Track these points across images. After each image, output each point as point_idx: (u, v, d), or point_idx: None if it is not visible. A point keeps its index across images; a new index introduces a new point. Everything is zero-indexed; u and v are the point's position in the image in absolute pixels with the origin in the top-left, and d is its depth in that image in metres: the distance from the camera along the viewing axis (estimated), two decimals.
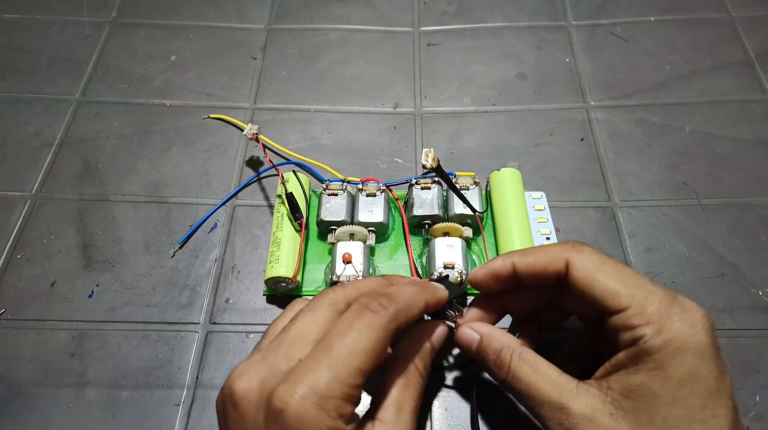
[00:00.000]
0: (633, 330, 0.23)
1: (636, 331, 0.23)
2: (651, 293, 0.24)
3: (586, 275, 0.25)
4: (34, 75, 0.49)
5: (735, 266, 0.37)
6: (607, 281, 0.24)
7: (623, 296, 0.24)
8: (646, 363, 0.23)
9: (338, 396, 0.22)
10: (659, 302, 0.23)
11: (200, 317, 0.36)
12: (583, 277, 0.25)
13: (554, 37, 0.51)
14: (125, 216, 0.40)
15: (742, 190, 0.41)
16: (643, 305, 0.23)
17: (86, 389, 0.33)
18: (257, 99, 0.47)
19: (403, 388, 0.25)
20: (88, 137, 0.44)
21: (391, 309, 0.24)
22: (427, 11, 0.53)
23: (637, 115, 0.45)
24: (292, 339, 0.24)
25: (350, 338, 0.23)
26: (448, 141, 0.44)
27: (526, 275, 0.27)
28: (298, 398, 0.21)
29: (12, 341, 0.35)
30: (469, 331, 0.29)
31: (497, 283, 0.29)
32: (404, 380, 0.26)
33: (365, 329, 0.23)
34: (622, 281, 0.24)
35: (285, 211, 0.37)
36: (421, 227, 0.38)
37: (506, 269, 0.28)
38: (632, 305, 0.23)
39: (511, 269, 0.28)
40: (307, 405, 0.21)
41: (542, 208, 0.40)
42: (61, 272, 0.38)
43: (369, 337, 0.23)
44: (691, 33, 0.51)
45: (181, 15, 0.53)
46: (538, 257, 0.27)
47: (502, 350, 0.27)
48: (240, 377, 0.23)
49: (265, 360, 0.23)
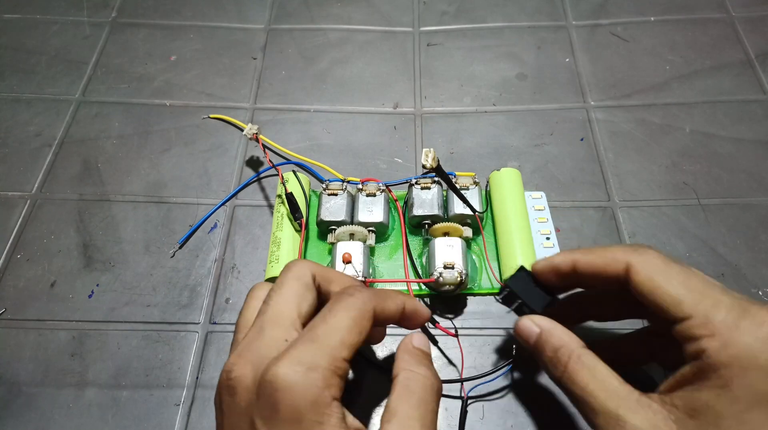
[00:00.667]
0: (697, 342, 0.22)
1: (700, 343, 0.21)
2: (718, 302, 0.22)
3: (647, 279, 0.24)
4: (34, 75, 0.49)
5: (735, 266, 0.37)
6: (669, 286, 0.23)
7: (686, 304, 0.22)
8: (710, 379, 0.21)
9: (324, 366, 0.22)
10: (727, 312, 0.21)
11: (200, 317, 0.36)
12: (644, 281, 0.24)
13: (554, 37, 0.51)
14: (125, 216, 0.40)
15: (742, 190, 0.41)
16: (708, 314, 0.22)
17: (86, 389, 0.33)
18: (257, 99, 0.47)
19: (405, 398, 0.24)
20: (88, 137, 0.44)
21: (365, 292, 0.25)
22: (427, 11, 0.53)
23: (637, 115, 0.45)
24: (272, 322, 0.24)
25: (330, 318, 0.24)
26: (448, 141, 0.44)
27: (585, 274, 0.27)
28: (285, 369, 0.22)
29: (12, 341, 0.35)
30: (529, 323, 0.28)
31: (557, 277, 0.28)
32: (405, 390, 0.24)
33: (343, 309, 0.24)
34: (688, 287, 0.23)
35: (285, 211, 0.37)
36: (421, 227, 0.38)
37: (566, 265, 0.27)
38: (696, 314, 0.22)
39: (571, 265, 0.27)
40: (294, 374, 0.21)
41: (542, 209, 0.40)
42: (61, 272, 0.38)
43: (347, 314, 0.24)
44: (691, 33, 0.51)
45: (181, 15, 0.53)
46: (599, 257, 0.26)
47: (560, 349, 0.25)
48: (232, 367, 0.23)
49: (251, 347, 0.24)
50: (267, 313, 0.25)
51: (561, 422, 0.32)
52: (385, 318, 0.26)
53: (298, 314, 0.25)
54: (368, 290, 0.26)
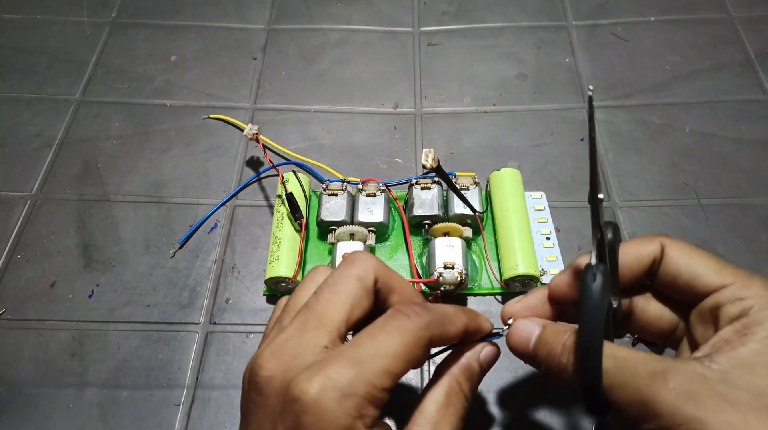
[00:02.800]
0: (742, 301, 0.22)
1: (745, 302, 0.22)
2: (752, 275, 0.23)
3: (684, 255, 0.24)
4: (34, 75, 0.49)
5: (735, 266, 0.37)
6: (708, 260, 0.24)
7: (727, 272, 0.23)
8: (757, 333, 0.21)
9: (360, 394, 0.20)
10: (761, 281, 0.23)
11: (200, 317, 0.36)
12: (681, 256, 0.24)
13: (554, 37, 0.51)
14: (125, 216, 0.40)
15: (742, 190, 0.41)
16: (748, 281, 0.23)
17: (86, 389, 0.33)
18: (257, 99, 0.47)
19: (443, 407, 0.23)
20: (88, 137, 0.44)
21: (425, 316, 0.22)
22: (427, 11, 0.53)
23: (637, 115, 0.45)
24: (316, 321, 0.23)
25: (379, 339, 0.21)
26: (448, 141, 0.44)
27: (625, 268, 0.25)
28: (317, 389, 0.20)
29: (12, 341, 0.35)
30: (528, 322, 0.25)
31: None
32: (445, 399, 0.23)
33: (396, 332, 0.22)
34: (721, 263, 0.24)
35: (285, 212, 0.37)
36: (421, 227, 0.38)
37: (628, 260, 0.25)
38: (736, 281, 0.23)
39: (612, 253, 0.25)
40: (326, 398, 0.20)
41: (542, 209, 0.40)
42: (61, 272, 0.38)
43: (399, 340, 0.21)
44: (691, 33, 0.51)
45: (181, 15, 0.53)
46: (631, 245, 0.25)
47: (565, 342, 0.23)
48: (263, 363, 0.22)
49: (287, 345, 0.22)
50: (314, 310, 0.23)
51: (561, 422, 0.32)
52: (443, 343, 0.24)
53: (347, 319, 0.23)
54: (429, 313, 0.23)
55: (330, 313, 0.23)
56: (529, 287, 0.36)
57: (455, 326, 0.24)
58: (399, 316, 0.22)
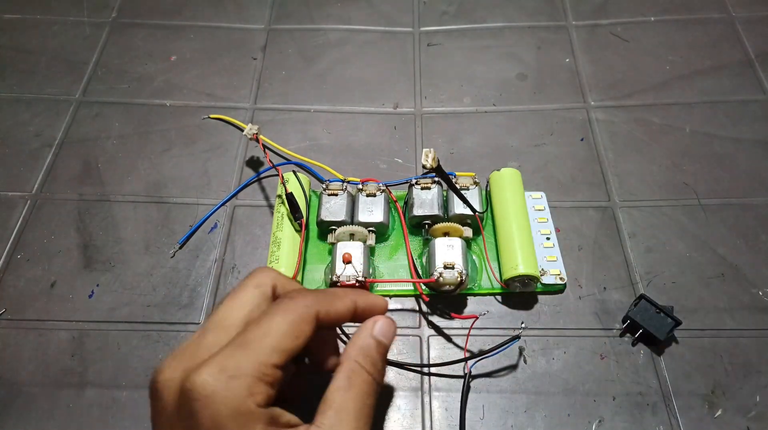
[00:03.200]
0: None
1: None
2: None
3: None
4: (34, 75, 0.49)
5: (735, 266, 0.37)
6: None
7: None
8: None
9: (249, 373, 0.21)
10: None
11: (200, 317, 0.36)
12: None
13: (554, 37, 0.51)
14: (125, 216, 0.40)
15: (742, 190, 0.41)
16: None
17: (86, 389, 0.33)
18: (257, 99, 0.47)
19: (344, 390, 0.24)
20: (88, 137, 0.44)
21: (308, 295, 0.24)
22: (427, 11, 0.53)
23: (637, 115, 0.45)
24: (216, 325, 0.24)
25: (264, 321, 0.23)
26: (448, 141, 0.44)
27: None
28: (204, 376, 0.21)
29: (12, 341, 0.35)
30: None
31: None
32: (346, 382, 0.24)
33: (281, 312, 0.23)
34: None
35: (285, 212, 0.37)
36: (421, 227, 0.38)
37: None
38: None
39: None
40: (213, 383, 0.21)
41: (542, 209, 0.40)
42: (61, 272, 0.38)
43: (283, 318, 0.23)
44: (691, 33, 0.51)
45: (181, 15, 0.53)
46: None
47: None
48: (163, 369, 0.23)
49: (187, 350, 0.23)
50: (214, 317, 0.24)
51: (561, 422, 0.32)
52: (335, 319, 0.25)
53: (246, 320, 0.24)
54: (312, 293, 0.25)
55: (228, 316, 0.24)
56: (530, 287, 0.36)
57: (342, 302, 0.25)
58: (284, 299, 0.24)
